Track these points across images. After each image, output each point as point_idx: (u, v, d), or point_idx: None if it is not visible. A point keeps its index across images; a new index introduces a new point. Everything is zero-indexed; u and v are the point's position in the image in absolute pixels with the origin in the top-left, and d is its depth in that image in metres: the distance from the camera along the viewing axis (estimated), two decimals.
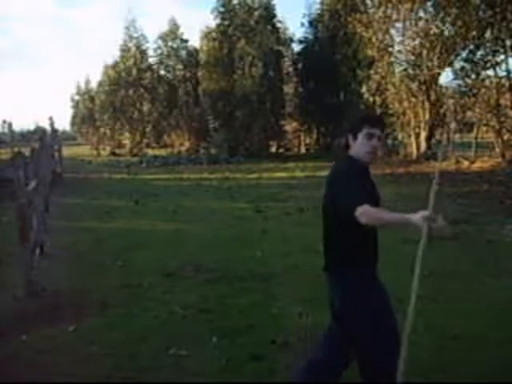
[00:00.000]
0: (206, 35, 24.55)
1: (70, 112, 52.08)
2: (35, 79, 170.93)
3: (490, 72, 16.06)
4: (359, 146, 2.36)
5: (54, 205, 9.48)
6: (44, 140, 11.16)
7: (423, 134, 17.62)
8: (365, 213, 2.07)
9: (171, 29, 29.80)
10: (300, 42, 23.98)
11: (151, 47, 30.61)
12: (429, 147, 17.52)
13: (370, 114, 2.61)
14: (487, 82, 16.26)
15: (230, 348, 3.45)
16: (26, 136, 32.57)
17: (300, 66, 23.81)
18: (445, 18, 15.81)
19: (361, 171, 2.38)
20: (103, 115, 31.97)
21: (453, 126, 17.36)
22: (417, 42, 16.69)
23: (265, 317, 4.00)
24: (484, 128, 19.10)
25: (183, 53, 30.17)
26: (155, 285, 4.91)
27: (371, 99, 18.39)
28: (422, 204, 2.10)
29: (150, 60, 30.32)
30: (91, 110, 39.14)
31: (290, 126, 26.34)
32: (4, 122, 26.90)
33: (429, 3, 16.28)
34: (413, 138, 18.34)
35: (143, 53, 29.95)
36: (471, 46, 15.98)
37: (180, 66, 30.12)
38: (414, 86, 17.26)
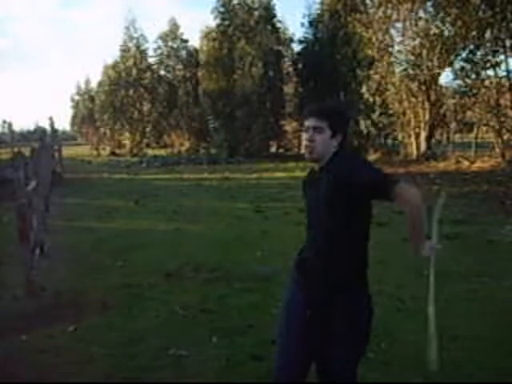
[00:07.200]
0: (206, 35, 24.58)
1: (70, 112, 52.36)
2: (35, 79, 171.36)
3: (490, 72, 16.09)
4: None
5: (54, 205, 9.47)
6: (44, 140, 11.19)
7: (423, 134, 17.62)
8: None
9: (171, 29, 29.86)
10: (300, 42, 23.94)
11: (151, 47, 30.76)
12: (429, 147, 17.54)
13: (311, 104, 2.25)
14: (487, 82, 16.25)
15: (230, 348, 3.45)
16: (26, 136, 32.61)
17: (300, 65, 23.78)
18: (445, 18, 15.81)
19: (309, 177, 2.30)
20: (103, 115, 31.98)
21: None
22: (417, 41, 16.68)
23: (265, 317, 3.99)
24: (484, 128, 19.12)
25: (183, 53, 30.21)
26: (155, 285, 4.90)
27: (371, 99, 18.40)
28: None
29: (150, 60, 30.43)
30: (91, 109, 39.23)
31: (289, 126, 26.32)
32: (4, 122, 27.00)
33: (429, 3, 16.28)
34: (413, 138, 18.32)
35: (143, 53, 29.99)
36: (471, 46, 15.97)
37: (180, 66, 30.15)
38: (414, 86, 17.24)
